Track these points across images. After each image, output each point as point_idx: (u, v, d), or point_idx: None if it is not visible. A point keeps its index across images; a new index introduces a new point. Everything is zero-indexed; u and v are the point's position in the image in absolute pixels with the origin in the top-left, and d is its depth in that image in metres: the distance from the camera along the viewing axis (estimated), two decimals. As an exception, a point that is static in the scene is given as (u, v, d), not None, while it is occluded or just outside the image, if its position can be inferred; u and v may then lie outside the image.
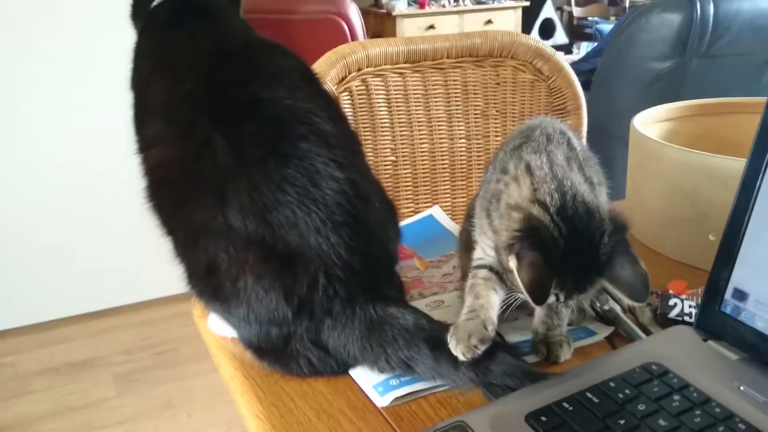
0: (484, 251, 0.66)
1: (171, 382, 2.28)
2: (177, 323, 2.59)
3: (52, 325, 2.63)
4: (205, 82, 0.71)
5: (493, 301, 0.65)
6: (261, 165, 0.65)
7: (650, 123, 1.05)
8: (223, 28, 0.81)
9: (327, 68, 1.11)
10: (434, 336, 0.64)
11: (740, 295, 0.62)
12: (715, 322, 0.64)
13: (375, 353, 0.65)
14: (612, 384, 0.58)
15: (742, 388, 0.57)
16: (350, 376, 0.67)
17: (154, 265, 2.32)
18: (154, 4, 0.85)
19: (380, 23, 4.87)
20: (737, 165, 0.67)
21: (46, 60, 2.41)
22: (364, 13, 3.57)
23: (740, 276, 0.63)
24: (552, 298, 0.59)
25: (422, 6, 4.86)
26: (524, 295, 0.58)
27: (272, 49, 0.78)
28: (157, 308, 2.70)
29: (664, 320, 0.72)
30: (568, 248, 0.57)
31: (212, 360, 0.78)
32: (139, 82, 0.83)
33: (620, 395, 0.57)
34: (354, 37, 2.86)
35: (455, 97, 1.23)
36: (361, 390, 0.66)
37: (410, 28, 4.78)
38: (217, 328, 0.76)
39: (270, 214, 0.64)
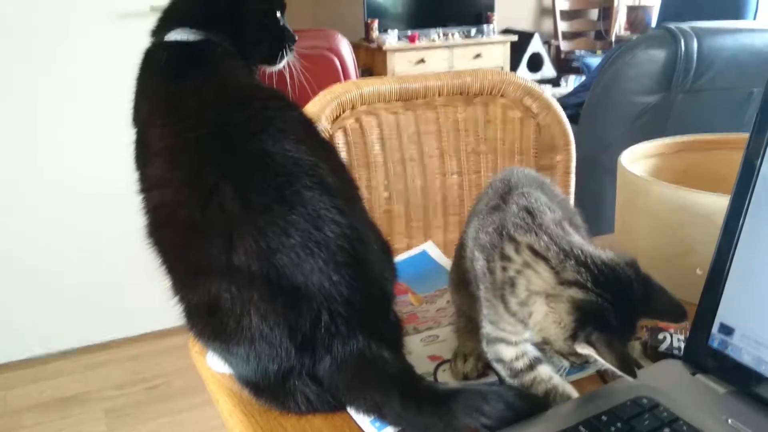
0: (514, 343, 0.66)
1: (163, 417, 2.26)
2: (168, 357, 2.58)
3: (42, 360, 2.61)
4: (213, 131, 0.73)
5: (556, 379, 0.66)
6: (267, 212, 0.67)
7: (637, 159, 1.07)
8: (226, 78, 0.83)
9: (322, 107, 1.13)
10: (411, 386, 0.66)
11: (726, 329, 0.64)
12: (703, 356, 0.66)
13: (356, 392, 0.67)
14: (604, 418, 0.59)
15: (729, 421, 0.58)
16: (347, 412, 0.68)
17: (144, 300, 2.33)
18: (167, 37, 0.86)
19: (371, 57, 4.93)
20: (722, 201, 0.69)
21: (52, 83, 2.44)
22: (355, 47, 3.62)
23: (726, 311, 0.65)
24: None
25: (412, 41, 4.93)
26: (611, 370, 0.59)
27: (277, 101, 0.80)
28: (148, 342, 2.70)
29: (653, 354, 0.74)
30: (617, 309, 0.59)
31: (204, 394, 0.79)
32: (140, 121, 0.84)
33: (612, 428, 0.58)
34: (346, 71, 2.91)
35: (447, 134, 1.25)
36: (358, 426, 0.67)
37: (401, 62, 4.84)
38: (215, 365, 0.77)
39: (275, 256, 0.66)
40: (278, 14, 0.94)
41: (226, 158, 0.71)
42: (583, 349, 0.58)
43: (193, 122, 0.75)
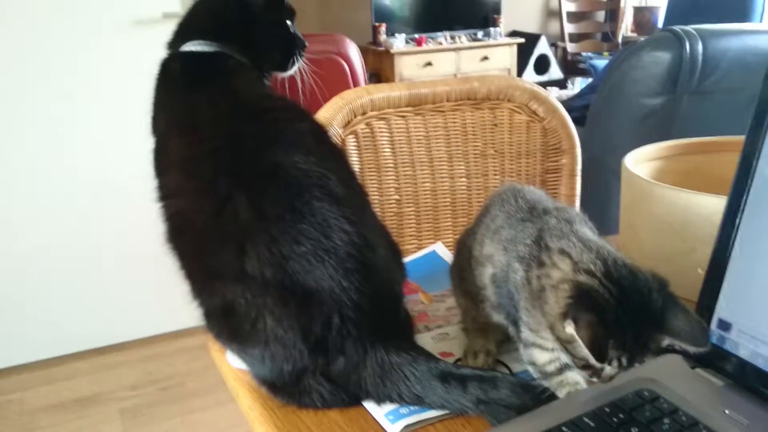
0: (550, 350, 0.67)
1: (177, 417, 2.30)
2: (182, 358, 2.62)
3: (57, 361, 2.66)
4: (227, 144, 0.76)
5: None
6: (279, 221, 0.70)
7: (641, 161, 1.10)
8: (239, 89, 0.86)
9: (334, 113, 1.17)
10: (444, 371, 0.70)
11: (724, 325, 0.67)
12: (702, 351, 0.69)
13: (388, 388, 0.70)
14: (607, 409, 0.62)
15: (727, 411, 0.61)
16: (363, 406, 0.72)
17: (157, 301, 2.38)
18: (183, 48, 0.90)
19: (379, 61, 4.96)
20: (722, 202, 0.71)
21: (68, 88, 2.48)
22: (363, 50, 3.65)
23: (724, 307, 0.68)
24: (614, 364, 0.59)
25: (419, 44, 4.96)
26: (585, 359, 0.59)
27: (289, 112, 0.83)
28: (161, 343, 2.74)
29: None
30: (621, 308, 0.58)
31: (218, 394, 0.82)
32: (158, 131, 0.88)
33: (615, 419, 0.61)
34: (354, 76, 2.94)
35: (455, 138, 1.29)
36: (374, 418, 0.70)
37: (408, 65, 4.88)
38: (234, 361, 0.80)
39: (287, 263, 0.69)
40: (288, 23, 0.97)
41: (240, 170, 0.74)
42: (569, 328, 0.58)
43: (207, 134, 0.78)
